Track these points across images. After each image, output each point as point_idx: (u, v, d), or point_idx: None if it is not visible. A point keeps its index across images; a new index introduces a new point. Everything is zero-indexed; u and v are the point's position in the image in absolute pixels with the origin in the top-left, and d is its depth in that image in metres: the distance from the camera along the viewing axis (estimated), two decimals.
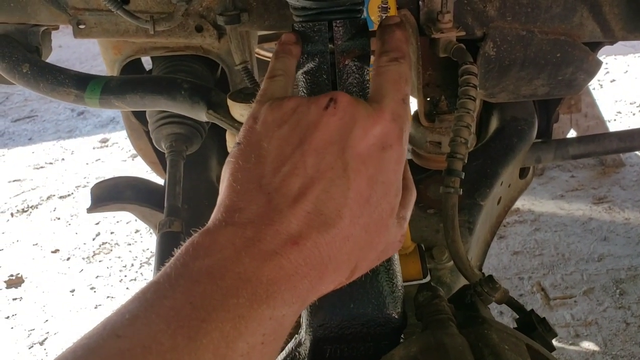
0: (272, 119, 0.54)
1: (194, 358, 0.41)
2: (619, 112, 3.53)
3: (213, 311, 0.42)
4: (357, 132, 0.52)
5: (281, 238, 0.47)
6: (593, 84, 3.81)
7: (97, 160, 3.57)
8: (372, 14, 0.92)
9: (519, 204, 2.74)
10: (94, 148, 3.73)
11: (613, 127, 3.21)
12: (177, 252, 0.47)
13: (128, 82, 1.02)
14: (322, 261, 0.49)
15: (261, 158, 0.52)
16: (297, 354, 0.74)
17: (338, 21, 0.65)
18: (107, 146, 3.74)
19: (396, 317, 0.72)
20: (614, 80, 3.94)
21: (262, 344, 0.44)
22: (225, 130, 1.03)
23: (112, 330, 0.41)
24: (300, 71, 0.67)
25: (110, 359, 0.39)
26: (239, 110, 0.94)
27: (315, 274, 0.48)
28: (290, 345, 0.75)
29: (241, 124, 0.95)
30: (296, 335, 0.75)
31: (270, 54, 2.23)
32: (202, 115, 0.99)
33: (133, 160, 3.47)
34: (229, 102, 0.95)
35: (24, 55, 1.05)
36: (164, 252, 1.00)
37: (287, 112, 0.54)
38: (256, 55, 2.21)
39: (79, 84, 1.02)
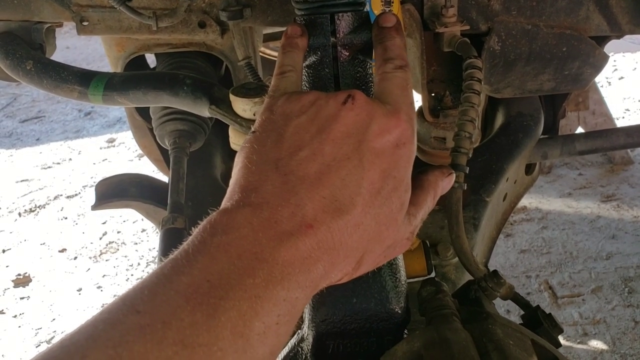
0: (290, 110, 0.56)
1: (212, 335, 0.41)
2: (627, 110, 3.51)
3: (230, 290, 0.43)
4: (374, 128, 0.54)
5: (296, 220, 0.48)
6: (601, 81, 3.78)
7: (104, 160, 3.59)
8: (375, 8, 0.91)
9: (526, 202, 2.72)
10: (101, 148, 3.74)
11: (621, 124, 3.18)
12: (195, 231, 0.48)
13: (131, 78, 1.02)
14: (334, 246, 0.50)
15: (278, 143, 0.54)
16: (299, 349, 0.73)
17: (340, 14, 0.65)
18: (114, 146, 3.75)
19: (399, 312, 0.71)
20: (622, 78, 3.92)
21: (277, 324, 0.45)
22: (229, 127, 1.02)
23: (132, 305, 0.42)
24: (303, 65, 0.66)
25: (131, 334, 0.40)
26: (242, 106, 0.93)
27: (327, 259, 0.49)
28: (292, 341, 0.74)
29: (244, 119, 0.95)
30: (299, 331, 0.74)
31: (275, 53, 2.22)
32: (204, 110, 0.99)
33: (140, 159, 3.48)
34: (232, 97, 0.94)
35: (28, 52, 1.05)
36: (167, 248, 0.99)
37: (306, 105, 0.56)
38: (261, 54, 2.21)
39: (82, 80, 1.02)
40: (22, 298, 2.52)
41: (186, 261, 0.45)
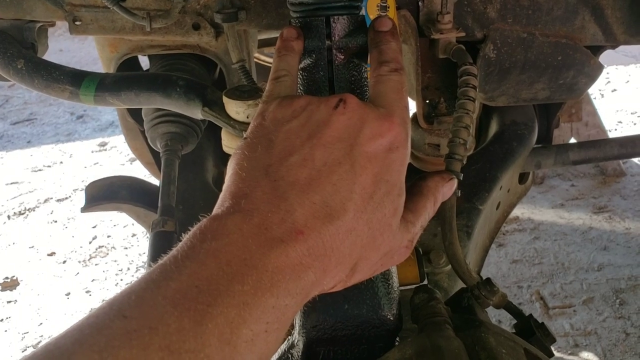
0: (281, 115, 0.55)
1: (199, 342, 0.41)
2: (620, 122, 3.52)
3: (218, 296, 0.42)
4: (366, 132, 0.53)
5: (286, 226, 0.48)
6: (594, 93, 3.80)
7: (95, 164, 3.56)
8: (371, 13, 0.91)
9: (519, 212, 2.72)
10: (92, 152, 3.72)
11: (613, 136, 3.19)
12: (185, 237, 0.47)
13: (123, 79, 1.01)
14: (325, 253, 0.49)
15: (268, 148, 0.53)
16: (289, 355, 0.72)
17: (336, 17, 0.64)
18: (105, 150, 3.73)
19: (391, 319, 0.70)
20: (615, 90, 3.94)
21: (265, 332, 0.44)
22: (221, 130, 1.02)
23: (119, 310, 0.41)
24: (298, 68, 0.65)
25: (117, 339, 0.39)
26: (235, 108, 0.93)
27: (318, 266, 0.48)
28: (282, 347, 0.73)
29: (237, 121, 0.94)
30: (289, 337, 0.73)
31: (270, 59, 2.22)
32: (197, 112, 0.98)
33: (131, 164, 3.46)
34: (225, 99, 0.94)
35: (19, 51, 1.04)
36: (156, 251, 0.98)
37: (297, 110, 0.55)
38: (256, 60, 2.20)
39: (74, 80, 1.01)
40: (9, 302, 2.49)
41: (175, 267, 0.44)
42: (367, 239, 0.52)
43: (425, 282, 1.00)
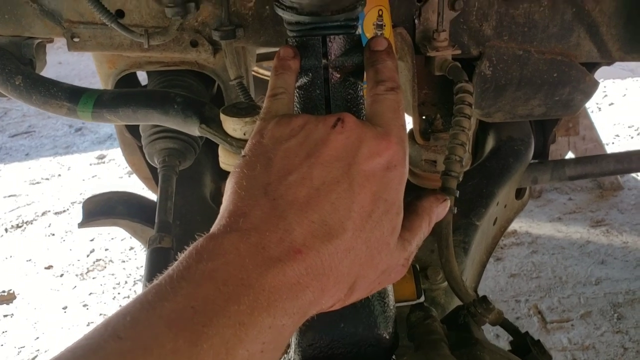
0: (280, 134, 0.55)
1: None
2: (617, 136, 3.53)
3: (214, 316, 0.42)
4: (364, 151, 0.54)
5: (285, 246, 0.48)
6: (591, 107, 3.81)
7: (93, 177, 3.56)
8: (367, 31, 0.91)
9: (516, 226, 2.72)
10: (90, 164, 3.72)
11: (611, 150, 3.20)
12: (181, 256, 0.47)
13: (121, 95, 1.01)
14: (324, 272, 0.49)
15: (267, 167, 0.53)
16: None
17: (332, 36, 0.65)
18: (103, 163, 3.73)
19: (387, 337, 0.70)
20: (612, 104, 3.95)
21: (261, 352, 0.44)
22: (219, 146, 1.02)
23: (114, 331, 0.41)
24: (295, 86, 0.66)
25: None
26: (232, 125, 0.93)
27: (316, 285, 0.48)
28: None
29: (234, 138, 0.94)
30: (285, 355, 0.73)
31: (269, 73, 2.23)
32: (194, 129, 0.98)
33: (130, 177, 3.46)
34: (222, 116, 0.94)
35: (17, 67, 1.04)
36: (153, 268, 0.98)
37: (295, 128, 0.55)
38: (255, 74, 2.21)
39: (72, 96, 1.01)
40: (5, 316, 2.48)
41: (170, 287, 0.44)
42: (366, 258, 0.52)
43: (422, 298, 1.00)
